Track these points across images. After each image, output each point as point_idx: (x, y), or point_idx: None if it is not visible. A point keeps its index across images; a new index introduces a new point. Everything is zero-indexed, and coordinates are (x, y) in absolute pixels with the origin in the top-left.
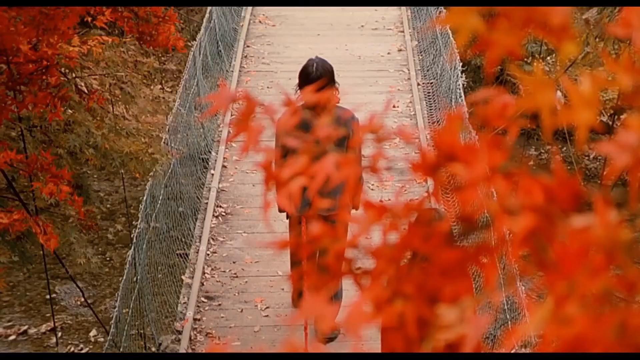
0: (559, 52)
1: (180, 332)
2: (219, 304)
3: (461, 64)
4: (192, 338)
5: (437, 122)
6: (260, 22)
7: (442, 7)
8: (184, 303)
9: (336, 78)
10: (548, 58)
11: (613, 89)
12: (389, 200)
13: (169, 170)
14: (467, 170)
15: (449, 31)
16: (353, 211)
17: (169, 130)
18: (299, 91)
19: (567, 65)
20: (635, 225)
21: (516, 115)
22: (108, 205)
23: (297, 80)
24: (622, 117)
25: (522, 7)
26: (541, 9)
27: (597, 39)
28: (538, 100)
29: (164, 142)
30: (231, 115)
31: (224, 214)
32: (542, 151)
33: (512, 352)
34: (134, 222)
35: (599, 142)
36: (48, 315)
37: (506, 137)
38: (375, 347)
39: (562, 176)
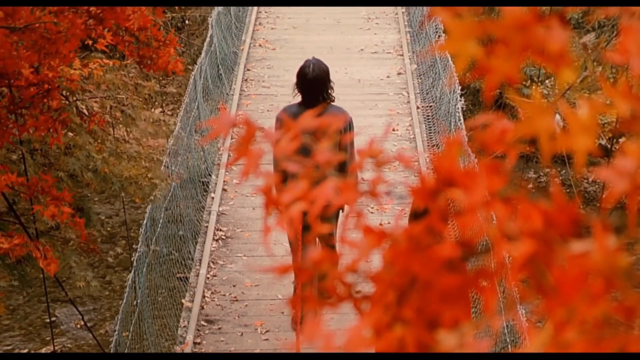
0: (557, 78)
1: None
2: (219, 328)
3: (460, 87)
4: None
5: (437, 145)
6: (260, 45)
7: (441, 31)
8: (184, 327)
9: (336, 102)
10: (547, 81)
11: (611, 113)
12: (389, 224)
13: (170, 194)
14: (467, 195)
15: (448, 55)
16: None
17: (169, 153)
18: (296, 91)
19: (565, 89)
20: (634, 250)
21: (515, 140)
22: (108, 228)
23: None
24: (620, 140)
25: (521, 34)
26: (539, 36)
27: (595, 63)
28: (537, 126)
29: (165, 166)
30: (231, 138)
31: (224, 237)
32: (541, 174)
33: None
34: (134, 246)
35: (597, 167)
36: (48, 338)
37: (505, 162)
38: None
39: (560, 201)
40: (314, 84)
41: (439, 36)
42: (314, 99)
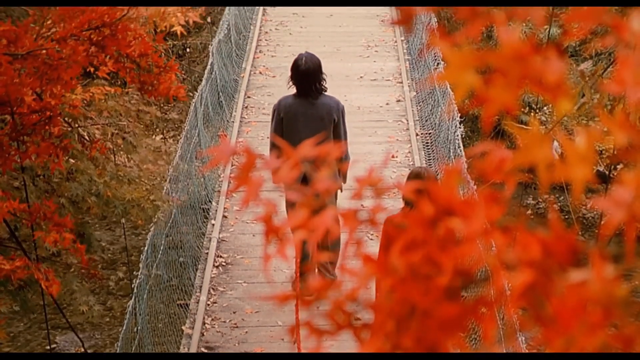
0: (555, 107)
1: None
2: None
3: (459, 114)
4: None
5: (436, 172)
6: (260, 73)
7: (440, 59)
8: (185, 353)
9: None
10: (544, 108)
11: (609, 141)
12: None
13: (170, 220)
14: (466, 224)
15: (447, 83)
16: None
17: (170, 179)
18: (291, 83)
19: (562, 116)
20: (632, 280)
21: (513, 169)
22: (109, 254)
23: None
24: (618, 167)
25: (518, 64)
26: (537, 66)
27: (593, 91)
28: (534, 155)
29: (165, 192)
30: (232, 165)
31: (224, 263)
32: (540, 201)
33: None
34: (134, 272)
35: (595, 196)
36: None
37: (504, 190)
38: None
39: (559, 230)
40: (307, 75)
41: (438, 64)
42: (308, 88)
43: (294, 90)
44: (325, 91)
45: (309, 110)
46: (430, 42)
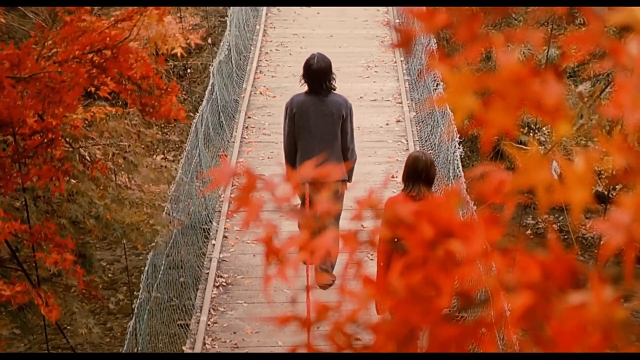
0: (554, 130)
1: None
2: None
3: (458, 135)
4: None
5: (435, 192)
6: (261, 93)
7: (439, 80)
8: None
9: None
10: (544, 129)
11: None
12: None
13: (171, 240)
14: (465, 246)
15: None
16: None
17: (170, 200)
18: (302, 81)
19: (561, 138)
20: (631, 303)
21: (512, 191)
22: (110, 275)
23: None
24: (617, 187)
25: (517, 87)
26: (535, 89)
27: (591, 111)
28: (533, 178)
29: (166, 212)
30: (232, 186)
31: (224, 284)
32: (540, 220)
33: None
34: (135, 292)
35: (595, 217)
36: None
37: (503, 212)
38: None
39: (558, 252)
40: (318, 74)
41: (437, 85)
42: (318, 86)
43: (305, 88)
44: (335, 89)
45: (319, 106)
46: (429, 65)
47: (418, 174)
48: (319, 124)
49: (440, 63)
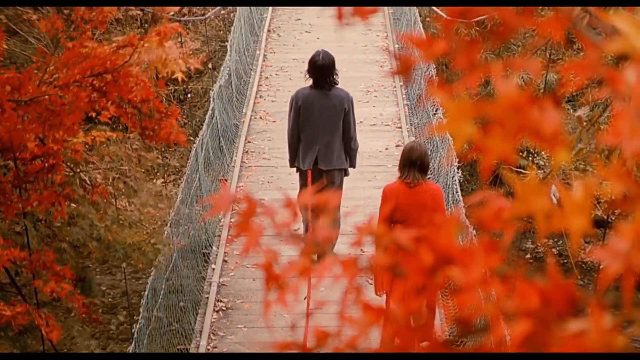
0: (552, 157)
1: None
2: None
3: (457, 159)
4: None
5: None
6: (261, 118)
7: (438, 105)
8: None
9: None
10: (543, 153)
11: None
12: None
13: (171, 264)
14: (464, 273)
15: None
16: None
17: (170, 224)
18: (307, 75)
19: (559, 165)
20: (630, 330)
21: (512, 218)
22: (110, 299)
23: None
24: (616, 211)
25: (515, 115)
26: (534, 117)
27: (590, 135)
28: (532, 205)
29: (166, 235)
30: (232, 210)
31: (224, 308)
32: (539, 245)
33: None
34: (135, 316)
35: (595, 240)
36: None
37: (502, 238)
38: None
39: (557, 279)
40: (322, 69)
41: (437, 110)
42: (323, 81)
43: (310, 82)
44: (337, 84)
45: (323, 100)
46: (429, 92)
47: (413, 162)
48: (322, 115)
49: (439, 90)
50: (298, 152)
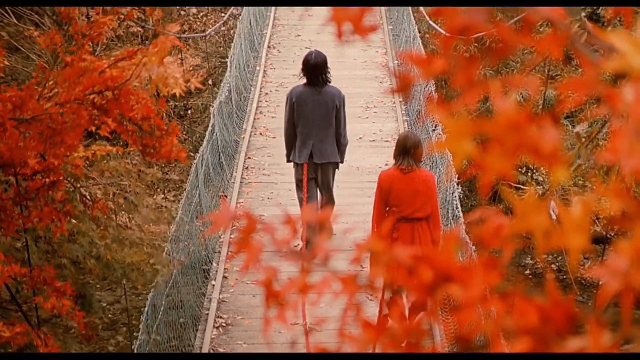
0: (551, 175)
1: None
2: None
3: (457, 175)
4: None
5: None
6: (261, 134)
7: (438, 121)
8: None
9: (334, 189)
10: (542, 168)
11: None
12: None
13: (171, 280)
14: (464, 290)
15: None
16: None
17: (171, 240)
18: (301, 74)
19: (558, 183)
20: (628, 347)
21: (511, 236)
22: (110, 315)
23: (296, 192)
24: (616, 228)
25: (514, 133)
26: (532, 135)
27: (589, 151)
28: (531, 223)
29: (166, 252)
30: (232, 226)
31: (224, 324)
32: (538, 260)
33: None
34: (135, 333)
35: (593, 261)
36: None
37: (502, 255)
38: None
39: (556, 297)
40: (315, 67)
41: (436, 126)
42: (315, 79)
43: (304, 80)
44: (330, 82)
45: (316, 96)
46: (428, 110)
47: (407, 150)
48: (315, 111)
49: (438, 107)
50: (294, 147)
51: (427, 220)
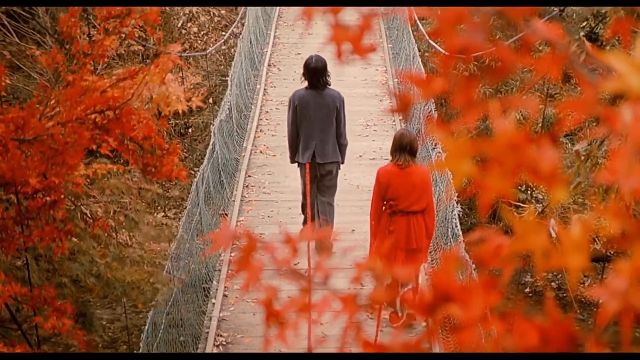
0: (550, 195)
1: None
2: None
3: (457, 194)
4: None
5: (434, 253)
6: (261, 152)
7: (437, 139)
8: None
9: (335, 207)
10: (541, 186)
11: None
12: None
13: (171, 299)
14: (464, 310)
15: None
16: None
17: (171, 257)
18: (303, 78)
19: (557, 203)
20: None
21: (510, 256)
22: (110, 333)
23: (299, 206)
24: (615, 247)
25: (513, 153)
26: (531, 155)
27: (588, 169)
28: (531, 243)
29: (166, 271)
30: (232, 244)
31: (224, 343)
32: (538, 278)
33: None
34: (135, 351)
35: (593, 280)
36: None
37: (501, 276)
38: None
39: (555, 317)
40: (315, 71)
41: (436, 144)
42: (316, 82)
43: (305, 84)
44: (330, 85)
45: (317, 99)
46: (428, 130)
47: (404, 146)
48: (317, 113)
49: (438, 127)
50: (298, 148)
51: (422, 213)
